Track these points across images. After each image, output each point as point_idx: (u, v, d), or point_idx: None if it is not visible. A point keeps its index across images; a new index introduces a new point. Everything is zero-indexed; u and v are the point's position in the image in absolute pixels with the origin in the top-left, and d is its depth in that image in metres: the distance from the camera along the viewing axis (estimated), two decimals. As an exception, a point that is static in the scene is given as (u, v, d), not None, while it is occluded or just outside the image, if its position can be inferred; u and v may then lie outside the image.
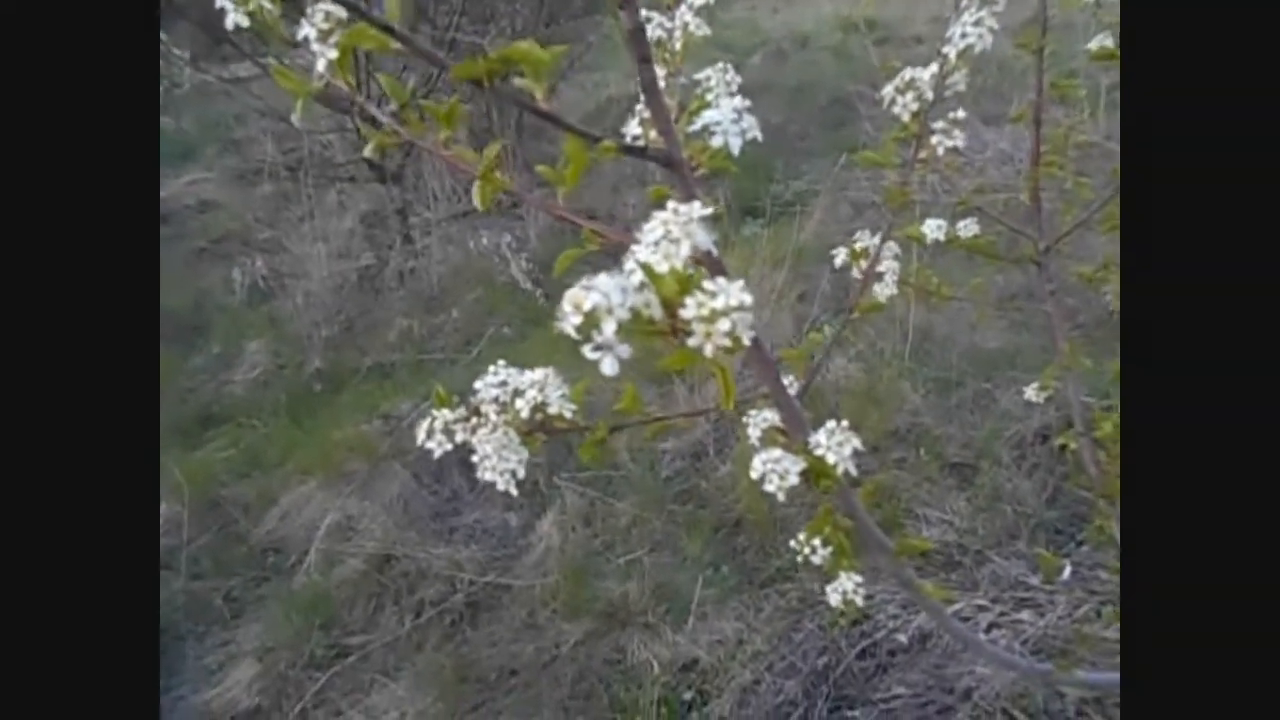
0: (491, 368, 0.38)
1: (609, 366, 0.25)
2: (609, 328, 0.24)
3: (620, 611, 1.68)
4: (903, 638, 1.55)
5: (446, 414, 0.36)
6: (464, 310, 2.90)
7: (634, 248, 0.27)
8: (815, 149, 3.59)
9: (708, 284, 0.25)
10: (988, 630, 1.53)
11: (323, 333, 2.77)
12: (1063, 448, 0.74)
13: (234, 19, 0.32)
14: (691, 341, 0.25)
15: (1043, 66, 0.67)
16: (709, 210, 0.27)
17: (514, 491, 0.35)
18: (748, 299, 0.24)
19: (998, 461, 1.85)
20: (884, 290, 0.77)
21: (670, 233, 0.27)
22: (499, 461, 0.35)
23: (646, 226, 0.28)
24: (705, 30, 0.40)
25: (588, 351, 0.25)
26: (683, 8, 0.40)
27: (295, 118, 0.39)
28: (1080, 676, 0.70)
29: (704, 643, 1.59)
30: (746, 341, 0.24)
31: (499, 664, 1.63)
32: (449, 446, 0.36)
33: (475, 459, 0.36)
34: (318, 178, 3.56)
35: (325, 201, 3.62)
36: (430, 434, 0.37)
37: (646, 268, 0.26)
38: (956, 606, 1.57)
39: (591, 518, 1.93)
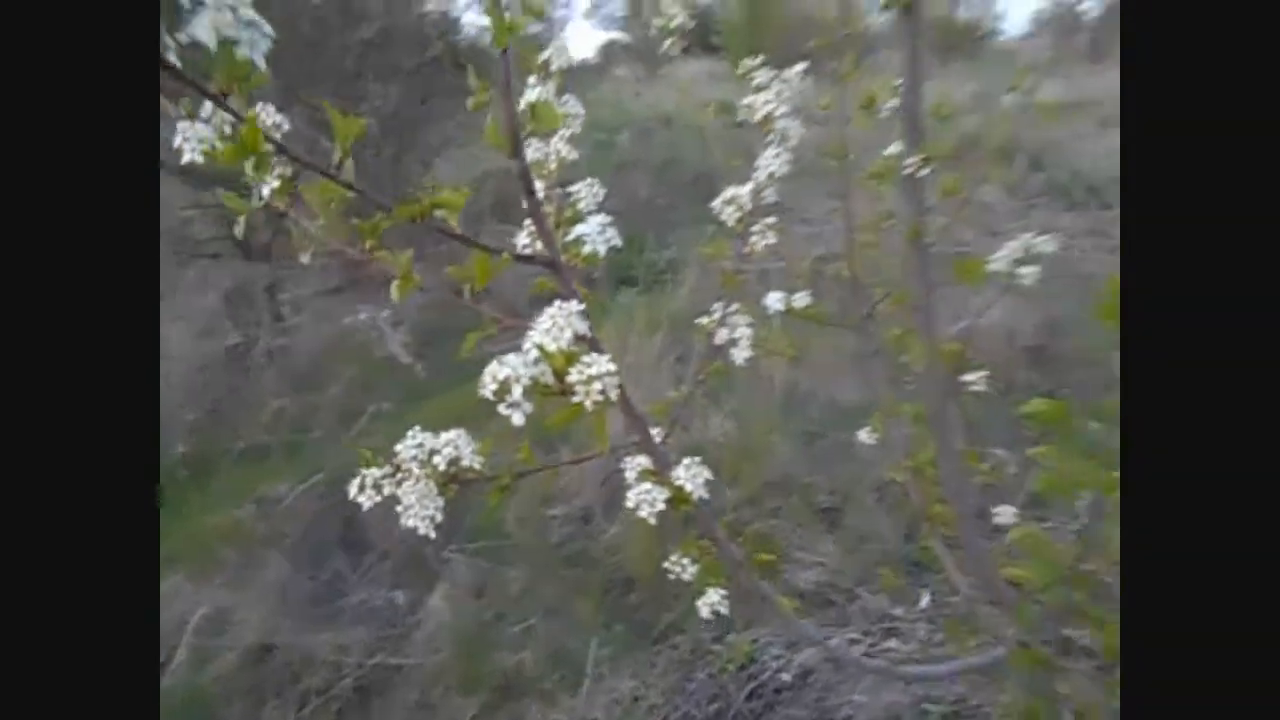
0: (410, 432, 0.45)
1: (518, 418, 0.34)
2: (518, 391, 0.34)
3: (516, 681, 1.69)
4: (787, 676, 1.66)
5: (374, 471, 0.43)
6: (341, 388, 2.85)
7: (529, 333, 0.37)
8: (683, 220, 3.85)
9: (585, 358, 0.35)
10: (861, 660, 1.66)
11: (188, 416, 2.64)
12: (892, 480, 0.88)
13: (190, 157, 0.39)
14: (575, 399, 0.35)
15: (848, 172, 0.83)
16: (583, 306, 0.38)
17: (432, 535, 0.42)
18: (613, 367, 0.35)
19: (859, 505, 2.02)
20: (741, 353, 0.89)
21: (557, 323, 0.37)
22: (420, 509, 0.43)
23: (539, 319, 0.38)
24: (574, 155, 0.51)
25: (502, 409, 0.34)
26: (555, 139, 0.51)
27: (238, 231, 0.45)
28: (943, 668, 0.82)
29: (601, 704, 1.62)
30: (614, 397, 0.34)
31: (392, 747, 1.59)
32: (378, 499, 0.43)
33: (399, 509, 0.44)
34: (177, 254, 3.43)
35: (184, 279, 3.49)
36: (361, 489, 0.44)
37: (540, 348, 0.36)
38: (832, 642, 1.70)
39: (482, 589, 1.94)
